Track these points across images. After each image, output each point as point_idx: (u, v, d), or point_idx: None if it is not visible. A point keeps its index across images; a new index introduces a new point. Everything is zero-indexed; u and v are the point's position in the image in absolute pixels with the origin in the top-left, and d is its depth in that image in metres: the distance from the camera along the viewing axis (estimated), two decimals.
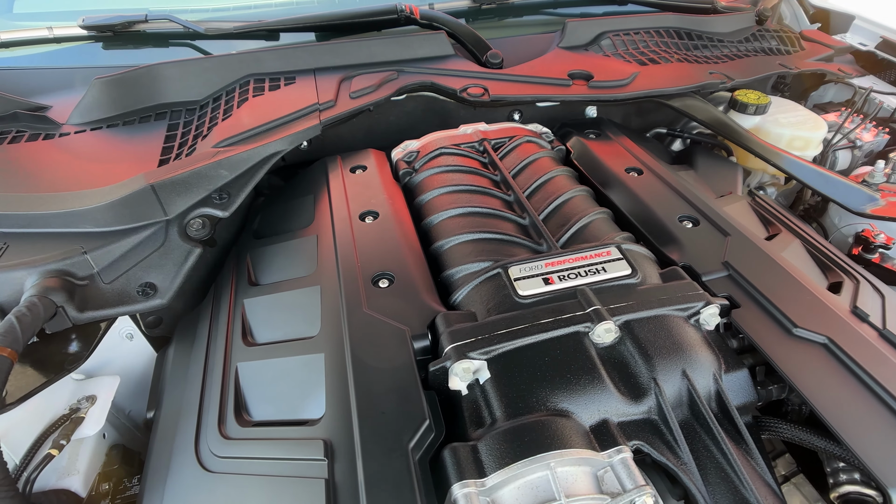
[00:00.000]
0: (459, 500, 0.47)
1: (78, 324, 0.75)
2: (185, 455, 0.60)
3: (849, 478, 0.56)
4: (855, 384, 0.58)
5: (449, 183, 0.86)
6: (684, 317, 0.63)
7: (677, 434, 0.54)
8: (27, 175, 0.93)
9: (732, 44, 1.35)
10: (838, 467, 0.57)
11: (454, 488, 0.47)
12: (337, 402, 0.56)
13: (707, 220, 0.81)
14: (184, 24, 1.18)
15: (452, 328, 0.60)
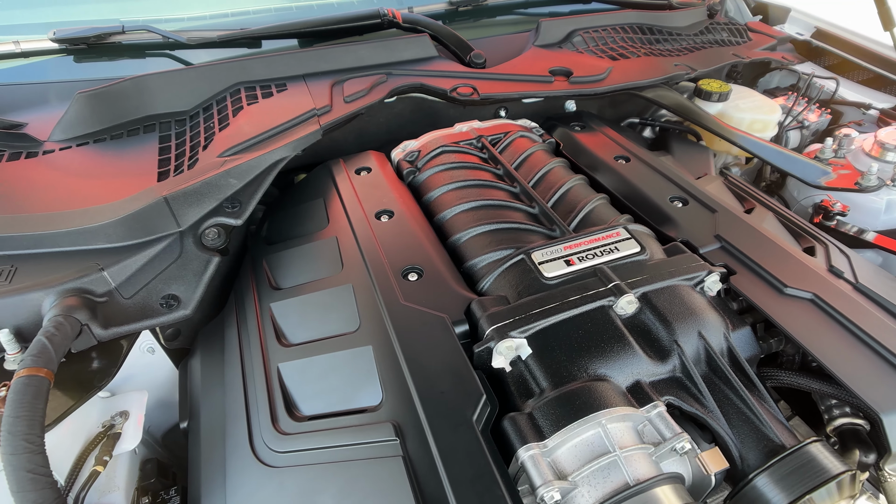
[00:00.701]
0: (526, 462, 0.51)
1: (103, 341, 0.75)
2: (242, 456, 0.62)
3: (841, 412, 0.65)
4: (840, 331, 0.67)
5: (455, 179, 0.91)
6: (691, 285, 0.71)
7: (701, 387, 0.61)
8: (19, 195, 0.90)
9: (689, 37, 1.46)
10: (831, 404, 0.66)
11: (520, 452, 0.52)
12: (394, 388, 0.60)
13: (695, 200, 0.89)
14: (164, 35, 1.17)
15: (490, 312, 0.65)
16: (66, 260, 0.79)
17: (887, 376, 0.62)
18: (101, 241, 0.81)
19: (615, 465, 0.52)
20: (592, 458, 0.52)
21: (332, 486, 0.54)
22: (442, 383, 0.58)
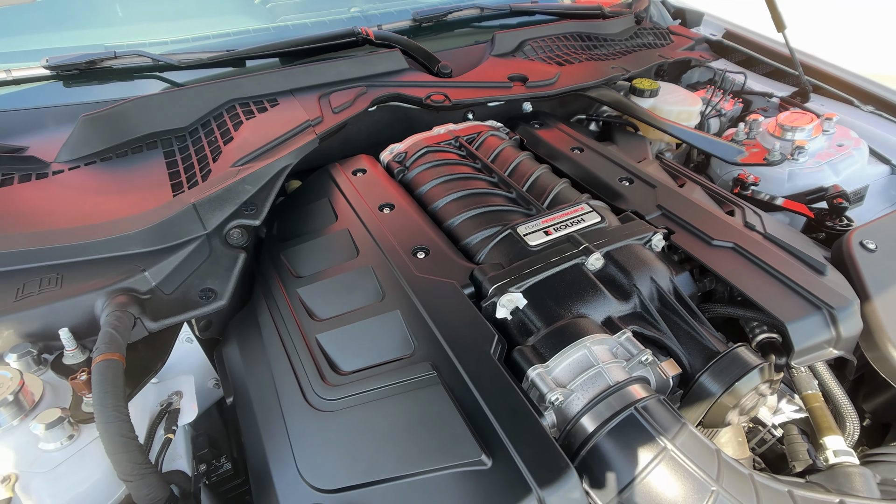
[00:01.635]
0: (535, 378, 0.68)
1: (153, 332, 0.85)
2: (298, 408, 0.75)
3: (760, 330, 0.85)
4: (755, 269, 0.87)
5: (442, 174, 1.06)
6: (642, 244, 0.89)
7: (656, 317, 0.79)
8: (43, 212, 0.99)
9: (621, 42, 1.68)
10: (753, 326, 0.86)
11: (529, 372, 0.69)
12: (423, 339, 0.75)
13: (639, 179, 1.09)
14: (154, 58, 1.26)
15: (490, 275, 0.81)
16: (106, 265, 0.89)
17: (789, 298, 0.83)
18: (137, 246, 0.91)
19: (599, 374, 0.69)
20: (582, 370, 0.69)
21: (385, 414, 0.68)
22: (462, 330, 0.74)
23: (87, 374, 0.74)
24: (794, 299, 0.82)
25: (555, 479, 0.57)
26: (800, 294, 0.83)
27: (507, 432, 0.61)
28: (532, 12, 1.70)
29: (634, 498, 0.61)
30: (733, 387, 0.71)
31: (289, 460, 0.70)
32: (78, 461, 0.71)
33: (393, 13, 1.55)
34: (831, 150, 1.35)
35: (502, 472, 0.59)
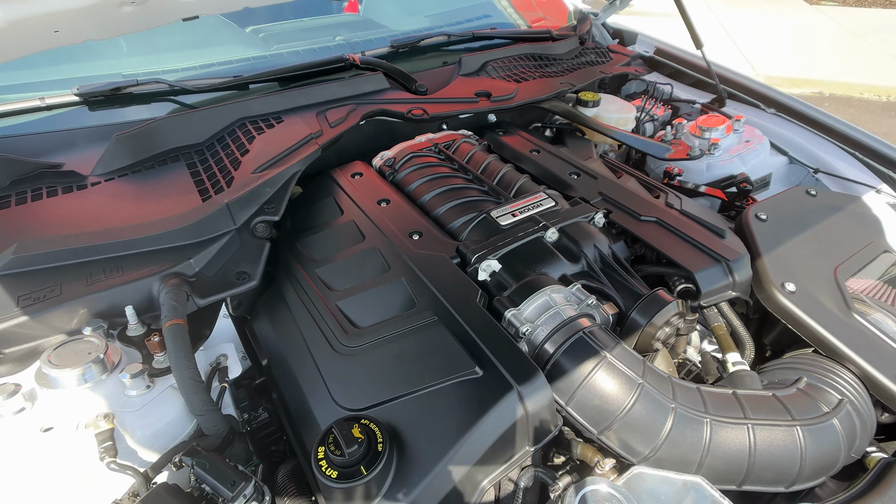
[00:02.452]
0: (511, 318, 0.91)
1: (200, 307, 1.05)
2: (327, 356, 0.95)
3: (679, 281, 1.10)
4: (673, 236, 1.14)
5: (426, 174, 1.30)
6: (587, 221, 1.15)
7: (599, 274, 1.04)
8: (89, 216, 1.17)
9: (568, 60, 1.96)
10: (674, 279, 1.11)
11: (506, 313, 0.92)
12: (423, 296, 0.97)
13: (585, 173, 1.35)
14: (171, 84, 1.45)
15: (472, 248, 1.04)
16: (157, 256, 1.08)
17: (697, 255, 1.09)
18: (182, 239, 1.10)
19: (557, 313, 0.93)
20: (544, 311, 0.93)
21: (397, 350, 0.90)
22: (453, 289, 0.96)
23: (158, 336, 0.94)
24: (700, 256, 1.09)
25: (529, 379, 0.80)
26: (704, 252, 1.09)
27: (492, 352, 0.84)
28: (491, 37, 1.96)
29: (586, 393, 0.85)
30: (653, 319, 0.97)
31: (323, 393, 0.91)
32: (157, 403, 0.90)
33: (373, 41, 1.78)
34: (740, 146, 1.65)
35: (491, 378, 0.82)
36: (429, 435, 0.79)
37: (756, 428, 0.86)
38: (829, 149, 1.69)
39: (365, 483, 0.74)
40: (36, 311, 0.95)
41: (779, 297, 1.07)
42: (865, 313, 1.09)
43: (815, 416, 0.88)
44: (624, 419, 0.84)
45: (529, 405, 0.79)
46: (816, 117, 1.78)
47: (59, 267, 1.03)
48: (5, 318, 0.93)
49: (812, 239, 1.22)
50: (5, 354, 0.93)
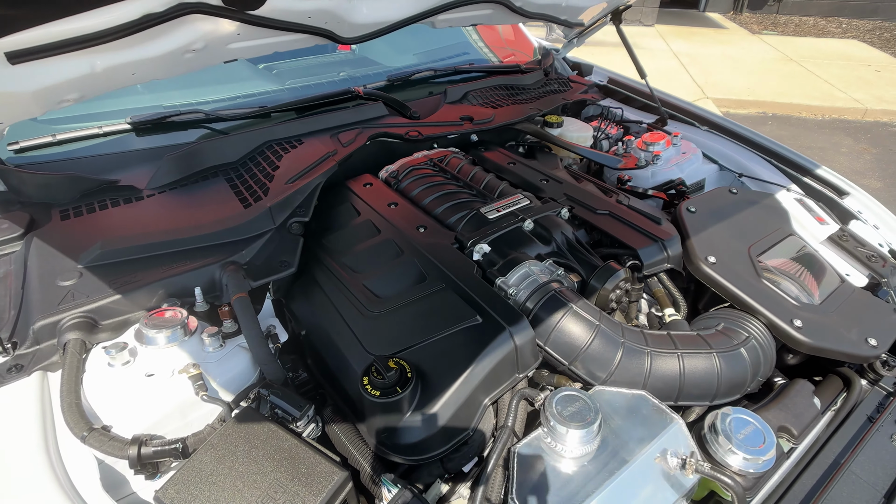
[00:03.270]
0: (500, 283, 1.21)
1: (253, 288, 1.30)
2: (358, 319, 1.22)
3: (628, 258, 1.42)
4: (622, 224, 1.45)
5: (426, 183, 1.59)
6: (555, 214, 1.46)
7: (566, 253, 1.35)
8: (152, 222, 1.42)
9: (535, 90, 2.31)
10: (623, 257, 1.43)
11: (497, 281, 1.22)
12: (432, 272, 1.25)
13: (552, 179, 1.67)
14: (208, 113, 1.73)
15: (467, 236, 1.34)
16: (214, 250, 1.34)
17: (640, 237, 1.41)
18: (233, 237, 1.36)
19: (535, 280, 1.23)
20: (525, 279, 1.23)
21: (414, 310, 1.17)
22: (455, 266, 1.25)
23: (228, 307, 1.19)
24: (642, 238, 1.41)
25: (516, 323, 1.09)
26: (645, 234, 1.41)
27: (488, 306, 1.13)
28: (470, 71, 2.31)
29: (558, 334, 1.14)
30: (606, 283, 1.27)
31: (357, 347, 1.17)
32: (229, 358, 1.15)
33: (371, 75, 2.10)
34: (678, 157, 2.01)
35: (488, 323, 1.10)
36: (443, 367, 1.07)
37: (684, 357, 1.16)
38: (750, 157, 2.07)
39: (399, 399, 1.01)
40: (125, 292, 1.20)
41: (703, 266, 1.39)
42: (772, 279, 1.42)
43: (728, 346, 1.19)
44: (586, 352, 1.13)
45: (517, 340, 1.08)
46: (741, 132, 2.16)
47: (137, 259, 1.28)
48: (102, 297, 1.18)
49: (731, 225, 1.56)
50: (103, 325, 1.17)
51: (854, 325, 1.33)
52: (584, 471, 0.95)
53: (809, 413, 1.17)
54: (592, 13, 2.25)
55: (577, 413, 0.97)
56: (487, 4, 1.83)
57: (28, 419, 0.99)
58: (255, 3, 1.29)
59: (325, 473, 0.89)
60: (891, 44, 9.44)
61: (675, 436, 1.02)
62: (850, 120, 6.55)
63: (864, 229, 1.79)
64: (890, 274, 1.58)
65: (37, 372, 1.08)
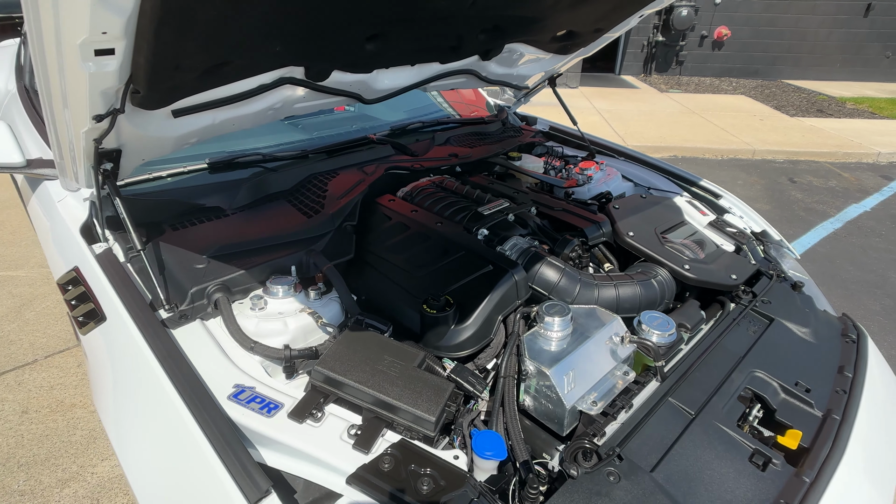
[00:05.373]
0: (499, 250, 1.85)
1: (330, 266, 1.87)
2: (406, 282, 1.81)
3: (580, 237, 2.10)
4: (572, 215, 2.15)
5: (434, 197, 2.24)
6: (528, 211, 2.14)
7: (537, 233, 2.02)
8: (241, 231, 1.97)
9: (497, 135, 3.06)
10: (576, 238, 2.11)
11: (496, 248, 1.86)
12: (452, 248, 1.87)
13: (522, 192, 2.36)
14: (263, 155, 2.32)
15: (471, 225, 1.98)
16: (296, 245, 1.90)
17: (584, 221, 2.11)
18: (308, 235, 1.93)
19: (520, 247, 1.88)
20: (514, 246, 1.88)
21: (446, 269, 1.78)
22: (469, 242, 1.88)
23: (322, 274, 1.76)
24: (586, 221, 2.11)
25: (515, 267, 1.73)
26: (587, 220, 2.12)
27: (495, 260, 1.77)
28: (449, 122, 3.04)
29: (540, 276, 1.79)
30: (565, 249, 1.94)
31: (408, 296, 1.76)
32: (326, 304, 1.69)
33: (376, 127, 2.77)
34: (605, 177, 2.77)
35: (496, 270, 1.73)
36: (471, 298, 1.67)
37: (618, 286, 1.83)
38: (654, 176, 2.87)
39: (447, 315, 1.60)
40: (246, 268, 1.73)
41: (626, 238, 2.10)
42: (671, 245, 2.14)
43: (644, 278, 1.88)
44: (557, 286, 1.78)
45: (516, 277, 1.71)
46: (646, 160, 2.98)
47: (243, 251, 1.83)
48: (231, 272, 1.71)
49: (643, 216, 2.29)
50: (234, 291, 1.69)
51: (723, 269, 2.06)
52: (565, 342, 1.56)
53: (697, 316, 1.86)
54: (535, 80, 3.06)
55: (557, 310, 1.60)
56: (463, 75, 2.56)
57: (207, 342, 1.50)
58: (322, 78, 1.94)
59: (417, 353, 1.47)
60: (770, 98, 11.30)
61: (616, 325, 1.66)
62: (743, 159, 7.88)
63: (733, 219, 2.59)
64: (748, 243, 2.36)
65: (198, 319, 1.59)
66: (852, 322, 2.03)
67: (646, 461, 1.32)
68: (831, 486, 1.35)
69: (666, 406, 1.50)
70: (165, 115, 1.64)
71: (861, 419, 1.58)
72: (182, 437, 1.21)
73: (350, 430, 1.29)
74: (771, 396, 1.60)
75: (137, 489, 1.24)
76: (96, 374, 1.53)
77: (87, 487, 2.42)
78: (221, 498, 1.11)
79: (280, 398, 1.34)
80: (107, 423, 1.38)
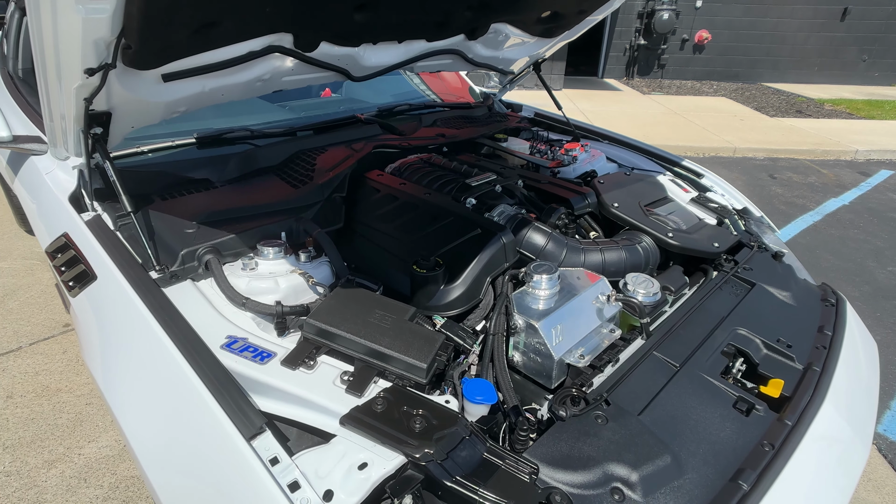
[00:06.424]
0: (487, 216, 1.88)
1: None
2: (398, 247, 1.83)
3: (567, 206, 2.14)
4: (558, 187, 2.19)
5: (422, 171, 2.27)
6: (514, 183, 2.18)
7: (525, 202, 2.06)
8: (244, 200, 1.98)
9: (483, 119, 3.10)
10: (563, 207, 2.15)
11: (485, 214, 1.89)
12: (441, 214, 1.90)
13: (508, 169, 2.40)
14: (252, 130, 2.33)
15: (459, 194, 2.01)
16: (285, 213, 1.91)
17: (570, 193, 2.15)
18: (298, 204, 1.94)
19: (508, 213, 1.91)
20: (503, 213, 1.91)
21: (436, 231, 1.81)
22: (457, 206, 1.91)
23: (311, 238, 1.77)
24: (572, 193, 2.15)
25: (503, 231, 1.76)
26: (574, 191, 2.16)
27: (483, 224, 1.79)
28: (435, 106, 3.07)
29: (527, 240, 1.82)
30: (551, 217, 1.98)
31: (398, 260, 1.78)
32: (317, 267, 1.70)
33: (363, 107, 2.79)
34: (589, 158, 2.82)
35: (485, 233, 1.76)
36: (460, 261, 1.70)
37: (604, 251, 1.87)
38: (637, 157, 2.93)
39: (437, 275, 1.63)
40: (237, 232, 1.74)
41: (611, 209, 2.15)
42: (655, 216, 2.19)
43: (629, 244, 1.92)
44: (545, 250, 1.82)
45: (505, 240, 1.74)
46: (628, 142, 3.05)
47: (234, 218, 1.84)
48: (223, 235, 1.71)
49: (628, 190, 2.34)
50: (224, 254, 1.70)
51: (706, 238, 2.11)
52: (552, 300, 1.59)
53: (680, 280, 1.90)
54: (520, 64, 3.11)
55: (544, 269, 1.63)
56: (449, 55, 2.60)
57: (199, 299, 1.51)
58: (311, 48, 1.97)
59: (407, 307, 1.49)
60: (750, 100, 11.55)
61: (602, 285, 1.70)
62: (724, 156, 8.03)
63: (715, 196, 2.65)
64: (730, 217, 2.42)
65: (189, 279, 1.60)
66: (831, 289, 2.09)
67: (633, 406, 1.35)
68: (812, 428, 1.39)
69: (651, 359, 1.53)
70: (156, 78, 1.65)
71: (840, 372, 1.63)
72: (176, 381, 1.21)
73: (343, 376, 1.30)
74: (753, 351, 1.64)
75: (131, 435, 1.23)
76: (86, 332, 1.53)
77: (73, 468, 2.39)
78: (218, 436, 1.11)
79: (273, 348, 1.35)
80: (97, 375, 1.38)
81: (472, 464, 1.13)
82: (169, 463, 1.20)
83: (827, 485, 1.34)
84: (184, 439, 1.17)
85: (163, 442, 1.21)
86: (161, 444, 1.21)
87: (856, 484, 1.38)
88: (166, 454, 1.20)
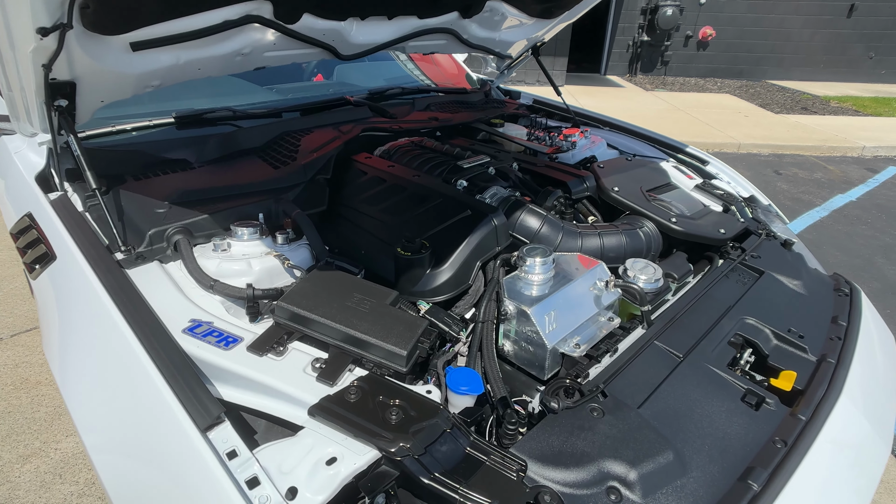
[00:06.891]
0: (478, 198, 1.77)
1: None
2: (383, 230, 1.72)
3: (565, 190, 2.03)
4: (557, 171, 2.08)
5: (412, 154, 2.16)
6: (508, 166, 2.06)
7: (519, 185, 1.94)
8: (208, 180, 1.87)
9: (479, 104, 2.99)
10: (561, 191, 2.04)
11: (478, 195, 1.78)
12: (431, 195, 1.79)
13: (503, 152, 2.28)
14: (234, 110, 2.22)
15: (449, 176, 1.90)
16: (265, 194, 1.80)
17: (567, 176, 2.03)
18: (279, 185, 1.83)
19: (501, 195, 1.80)
20: (495, 194, 1.80)
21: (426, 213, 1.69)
22: (450, 191, 1.80)
23: (290, 220, 1.66)
24: (569, 176, 2.04)
25: (495, 212, 1.65)
26: (572, 174, 2.04)
27: (474, 206, 1.68)
28: (429, 90, 2.96)
29: (521, 223, 1.70)
30: (546, 200, 1.87)
31: (383, 244, 1.67)
32: (295, 250, 1.60)
33: (354, 90, 2.68)
34: (589, 144, 2.71)
35: (476, 215, 1.65)
36: (449, 243, 1.59)
37: (603, 235, 1.76)
38: (639, 143, 2.81)
39: (422, 258, 1.51)
40: (210, 213, 1.63)
41: (611, 193, 2.03)
42: (657, 202, 2.08)
43: (630, 228, 1.81)
44: (539, 234, 1.70)
45: (496, 222, 1.63)
46: (630, 128, 2.93)
47: (209, 199, 1.73)
48: (195, 216, 1.61)
49: (629, 175, 2.22)
50: (196, 236, 1.59)
51: (711, 225, 1.99)
52: (546, 286, 1.48)
53: (684, 267, 1.78)
54: (518, 48, 3.00)
55: (538, 252, 1.51)
56: (443, 34, 2.49)
57: (164, 281, 1.40)
58: (293, 20, 1.86)
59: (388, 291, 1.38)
60: (754, 97, 11.40)
61: (600, 271, 1.58)
62: (729, 152, 7.90)
63: (720, 184, 2.53)
64: (736, 203, 2.30)
65: (156, 261, 1.49)
66: (844, 279, 1.97)
67: (632, 399, 1.24)
68: (828, 423, 1.28)
69: (652, 348, 1.42)
70: (123, 47, 1.54)
71: (857, 364, 1.51)
72: (129, 367, 1.11)
73: (315, 363, 1.19)
74: (763, 342, 1.53)
75: (82, 427, 1.13)
76: (45, 317, 1.42)
77: (49, 463, 2.29)
78: (171, 427, 1.00)
79: (241, 333, 1.24)
80: (52, 361, 1.27)
81: (453, 459, 1.02)
82: (121, 455, 1.09)
83: (844, 485, 1.23)
84: (136, 429, 1.06)
85: (115, 432, 1.10)
86: (113, 436, 1.10)
87: (876, 485, 1.26)
88: (118, 445, 1.09)
